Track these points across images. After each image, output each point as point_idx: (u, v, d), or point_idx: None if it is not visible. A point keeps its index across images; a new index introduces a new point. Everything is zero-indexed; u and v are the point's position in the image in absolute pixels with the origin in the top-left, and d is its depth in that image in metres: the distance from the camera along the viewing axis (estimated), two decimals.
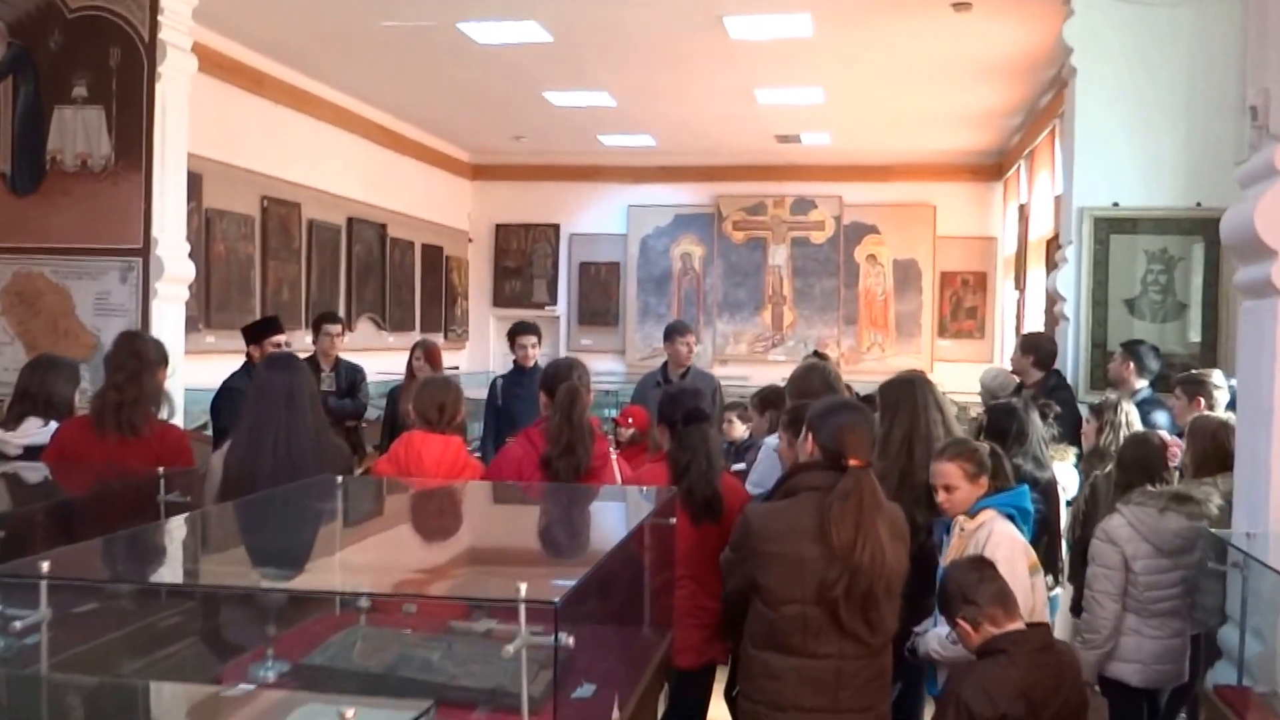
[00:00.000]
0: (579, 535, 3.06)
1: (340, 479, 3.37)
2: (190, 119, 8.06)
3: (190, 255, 8.22)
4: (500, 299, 13.95)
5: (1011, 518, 3.47)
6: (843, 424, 3.11)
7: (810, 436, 3.18)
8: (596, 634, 2.83)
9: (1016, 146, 11.17)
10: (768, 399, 5.31)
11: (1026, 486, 3.65)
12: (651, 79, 9.45)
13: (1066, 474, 5.06)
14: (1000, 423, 4.66)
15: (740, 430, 6.13)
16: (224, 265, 8.64)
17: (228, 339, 8.57)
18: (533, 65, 9.04)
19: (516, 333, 7.10)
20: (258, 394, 3.76)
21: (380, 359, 10.34)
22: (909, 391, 4.08)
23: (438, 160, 12.75)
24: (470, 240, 13.81)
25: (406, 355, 11.52)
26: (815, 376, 4.55)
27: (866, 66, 8.80)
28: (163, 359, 4.32)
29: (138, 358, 4.11)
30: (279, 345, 6.02)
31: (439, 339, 12.79)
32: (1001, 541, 3.33)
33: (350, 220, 10.64)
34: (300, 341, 7.63)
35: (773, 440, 4.50)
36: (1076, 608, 4.71)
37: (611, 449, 4.14)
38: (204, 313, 8.38)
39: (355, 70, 9.49)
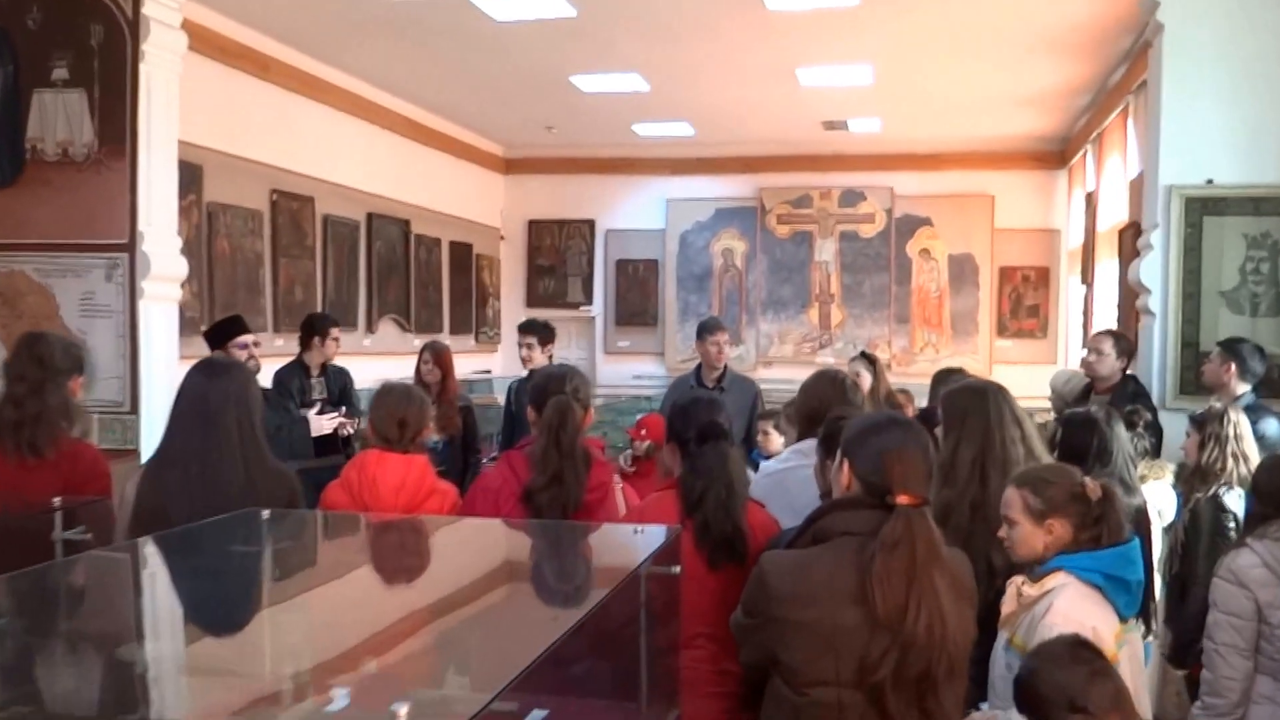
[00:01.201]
0: (542, 599, 2.33)
1: (266, 515, 2.68)
2: (189, 106, 7.46)
3: (188, 252, 7.68)
4: (534, 299, 13.27)
5: (1100, 590, 2.63)
6: (888, 448, 2.35)
7: (846, 464, 2.44)
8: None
9: (1083, 130, 10.27)
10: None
11: (1137, 544, 2.75)
12: (685, 57, 8.72)
13: (1162, 495, 4.26)
14: (1076, 437, 3.89)
15: (777, 443, 5.37)
16: (229, 263, 8.05)
17: None
18: (556, 45, 8.35)
19: (518, 332, 6.46)
20: (175, 409, 3.11)
21: (405, 363, 9.72)
22: (980, 403, 3.27)
23: (467, 153, 12.10)
24: (502, 237, 13.17)
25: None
26: (825, 386, 3.73)
27: (919, 40, 7.99)
28: (73, 367, 3.67)
29: (41, 365, 3.46)
30: (245, 347, 5.35)
31: (469, 341, 12.21)
32: (1057, 623, 2.49)
33: (370, 216, 10.02)
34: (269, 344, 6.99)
35: (770, 465, 3.73)
36: (1176, 657, 3.94)
37: (617, 475, 3.43)
38: (208, 314, 7.79)
39: (370, 56, 8.86)
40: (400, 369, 9.37)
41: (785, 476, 3.48)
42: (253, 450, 3.07)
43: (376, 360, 9.48)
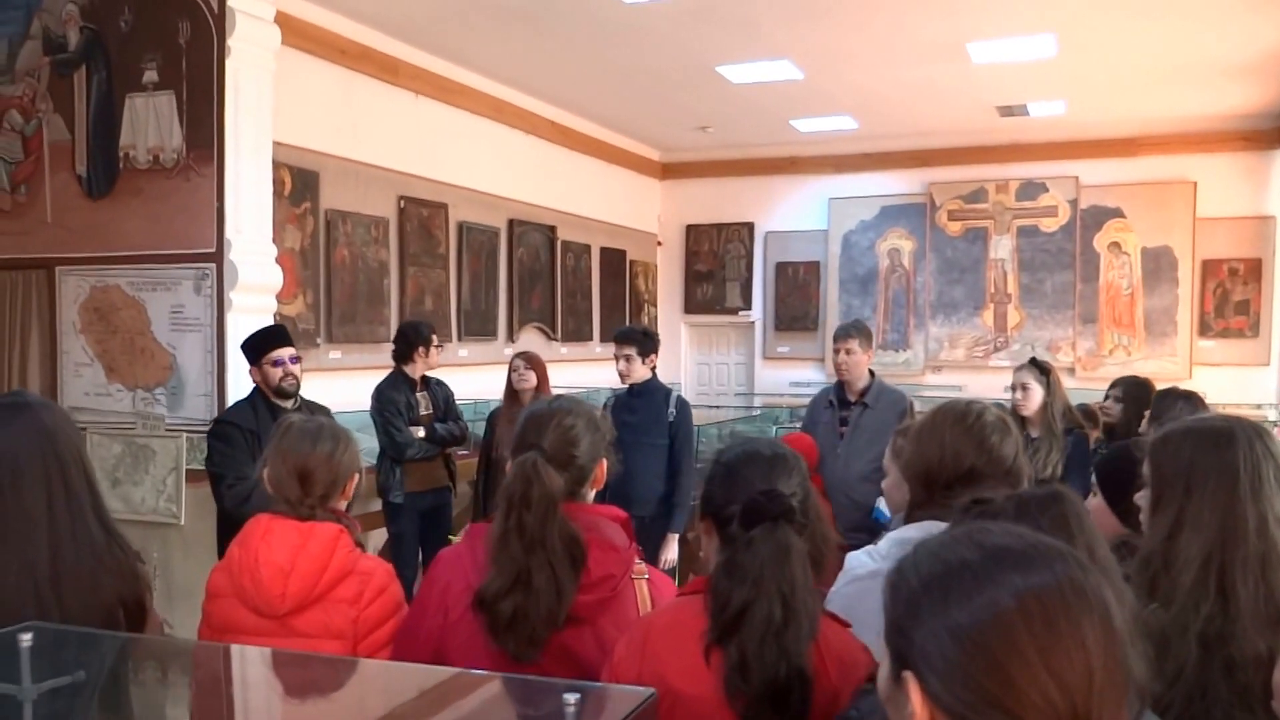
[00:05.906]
0: None
1: (27, 641, 1.42)
2: (305, 111, 6.66)
3: (303, 261, 6.87)
4: (692, 305, 12.11)
5: None
6: (1016, 624, 0.93)
7: (916, 687, 0.97)
8: None
9: None
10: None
11: None
12: (839, 38, 7.37)
13: None
14: None
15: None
16: (349, 272, 7.19)
17: (355, 353, 7.18)
18: (694, 30, 7.17)
19: (614, 343, 5.27)
20: None
21: (551, 372, 8.71)
22: (1223, 459, 1.78)
23: (619, 158, 11.02)
24: (660, 243, 12.02)
25: (580, 367, 10.02)
26: (947, 428, 2.11)
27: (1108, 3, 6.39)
28: None
29: None
30: (280, 364, 4.24)
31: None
32: None
33: (511, 222, 9.06)
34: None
35: (858, 564, 2.11)
36: None
37: (641, 563, 2.03)
38: (324, 326, 6.98)
39: (501, 54, 7.89)
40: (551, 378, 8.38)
41: (879, 586, 1.78)
42: (65, 529, 1.83)
43: None
